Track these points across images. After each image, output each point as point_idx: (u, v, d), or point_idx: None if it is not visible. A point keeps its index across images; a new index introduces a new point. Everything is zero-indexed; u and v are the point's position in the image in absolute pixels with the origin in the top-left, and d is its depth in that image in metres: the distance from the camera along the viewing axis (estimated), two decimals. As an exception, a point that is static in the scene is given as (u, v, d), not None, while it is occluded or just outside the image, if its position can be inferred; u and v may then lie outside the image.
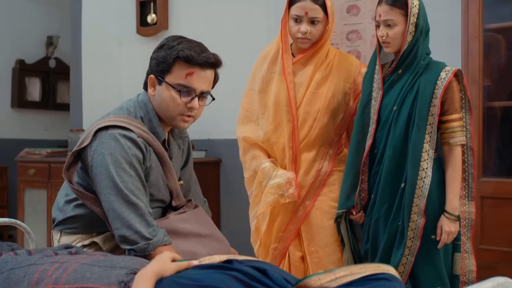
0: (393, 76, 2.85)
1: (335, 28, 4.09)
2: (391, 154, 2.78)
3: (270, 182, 2.99)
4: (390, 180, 2.80)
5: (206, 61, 2.34)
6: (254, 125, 3.13)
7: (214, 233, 2.49)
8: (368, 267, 1.59)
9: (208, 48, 2.42)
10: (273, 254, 3.11)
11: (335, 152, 3.07)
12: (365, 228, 2.93)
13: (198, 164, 4.59)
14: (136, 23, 5.27)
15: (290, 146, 3.01)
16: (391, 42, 2.79)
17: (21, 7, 7.74)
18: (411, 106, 2.76)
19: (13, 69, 7.72)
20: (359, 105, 2.95)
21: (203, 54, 2.34)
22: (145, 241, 2.18)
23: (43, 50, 8.05)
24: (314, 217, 3.03)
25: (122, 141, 2.25)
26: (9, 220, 2.86)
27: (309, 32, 2.93)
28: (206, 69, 2.37)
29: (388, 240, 2.81)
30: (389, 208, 2.81)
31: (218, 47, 4.78)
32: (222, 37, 4.77)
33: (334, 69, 3.04)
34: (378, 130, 2.85)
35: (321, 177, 3.03)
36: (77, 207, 2.40)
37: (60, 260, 1.88)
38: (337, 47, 4.09)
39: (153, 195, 2.39)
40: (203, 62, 2.34)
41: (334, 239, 3.00)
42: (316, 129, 3.00)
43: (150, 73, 2.42)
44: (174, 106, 2.36)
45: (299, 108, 3.01)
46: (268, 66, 3.09)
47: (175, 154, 2.55)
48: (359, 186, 2.89)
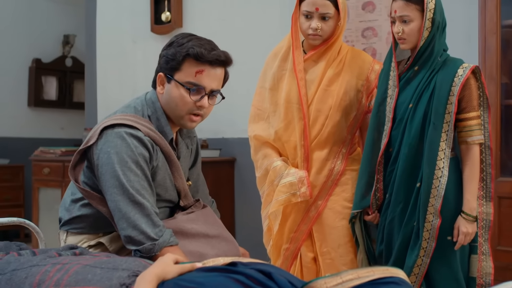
0: (409, 73, 2.79)
1: (350, 25, 4.05)
2: (406, 153, 2.73)
3: (282, 180, 2.94)
4: (405, 180, 2.74)
5: (217, 58, 2.29)
6: (265, 123, 3.08)
7: (223, 234, 2.43)
8: (376, 270, 1.53)
9: (222, 46, 2.37)
10: (285, 255, 3.06)
11: (348, 151, 3.02)
12: (379, 229, 2.87)
13: (212, 163, 4.61)
14: (150, 21, 5.25)
15: (301, 145, 2.96)
16: (407, 39, 2.73)
17: (38, 6, 7.75)
18: (427, 103, 2.70)
19: (30, 68, 7.74)
20: (374, 103, 2.89)
21: (213, 51, 2.29)
22: (151, 241, 2.13)
23: (59, 49, 8.06)
24: (327, 217, 2.97)
25: (128, 140, 2.21)
26: (18, 220, 2.82)
27: (320, 28, 2.88)
28: (216, 67, 2.32)
29: (403, 241, 2.75)
30: (404, 208, 2.75)
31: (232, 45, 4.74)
32: (236, 35, 4.72)
33: (346, 66, 2.99)
34: (394, 128, 2.79)
35: (334, 177, 2.98)
36: (83, 206, 2.36)
37: (62, 262, 1.84)
38: (352, 45, 4.04)
39: (160, 195, 2.35)
40: (213, 60, 2.28)
41: (347, 239, 2.94)
42: (328, 127, 2.94)
43: (159, 71, 2.37)
44: (183, 105, 2.31)
45: (311, 105, 2.96)
46: (279, 63, 3.04)
47: (183, 153, 2.51)
48: (374, 185, 2.84)
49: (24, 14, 7.62)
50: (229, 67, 2.39)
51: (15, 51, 7.57)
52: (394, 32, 2.77)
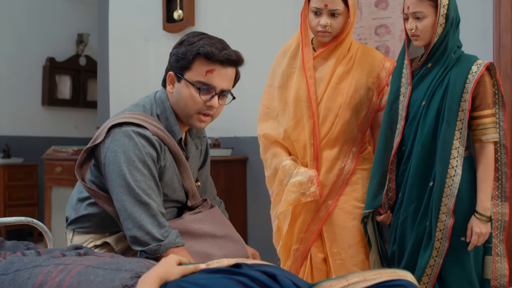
0: (423, 70, 2.74)
1: (363, 23, 4.00)
2: (419, 151, 2.68)
3: (291, 180, 2.91)
4: (418, 179, 2.69)
5: (228, 58, 2.26)
6: (274, 122, 3.05)
7: (230, 234, 2.40)
8: (383, 272, 1.49)
9: (234, 44, 2.34)
10: (295, 256, 3.02)
11: (359, 149, 2.97)
12: (392, 229, 2.83)
13: (224, 162, 4.58)
14: (163, 19, 5.22)
15: (311, 143, 2.91)
16: (421, 35, 2.68)
17: (53, 5, 7.76)
18: (440, 101, 2.65)
19: (44, 67, 7.74)
20: (387, 101, 2.85)
21: (224, 51, 2.26)
22: (156, 242, 2.10)
23: (73, 48, 8.06)
24: (337, 217, 2.93)
25: (136, 139, 2.18)
26: (26, 219, 2.80)
27: (329, 25, 2.83)
28: (227, 66, 2.28)
29: (416, 241, 2.70)
30: (417, 207, 2.70)
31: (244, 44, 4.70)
32: (249, 33, 4.69)
33: (356, 63, 2.94)
34: (406, 127, 2.75)
35: (344, 176, 2.94)
36: (89, 205, 2.34)
37: (65, 262, 1.82)
38: (365, 42, 3.99)
39: (167, 195, 2.32)
40: (224, 59, 2.25)
41: (357, 240, 2.90)
42: (338, 126, 2.90)
43: (169, 70, 2.34)
44: (193, 104, 2.28)
45: (320, 104, 2.92)
46: (288, 61, 3.00)
47: (192, 154, 2.47)
48: (386, 185, 2.79)
49: (38, 13, 7.63)
50: (241, 67, 2.36)
51: (29, 50, 7.58)
52: (407, 29, 2.72)
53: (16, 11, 7.45)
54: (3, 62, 7.36)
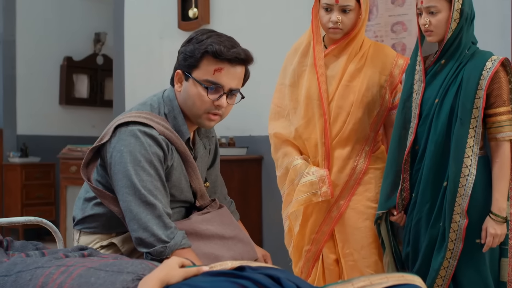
0: (436, 66, 2.68)
1: (379, 20, 3.94)
2: (432, 150, 2.62)
3: (302, 179, 2.86)
4: (431, 178, 2.63)
5: (236, 56, 2.21)
6: (285, 121, 3.00)
7: (239, 235, 2.35)
8: (390, 277, 1.44)
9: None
10: (306, 257, 2.97)
11: (371, 149, 2.92)
12: (406, 230, 2.77)
13: (239, 161, 4.54)
14: (178, 18, 5.19)
15: (322, 142, 2.86)
16: (434, 30, 2.63)
17: (70, 4, 7.77)
18: (454, 98, 2.59)
19: (61, 66, 7.76)
20: (400, 99, 2.79)
21: (233, 49, 2.21)
22: (162, 244, 2.07)
23: (91, 47, 8.06)
24: (349, 218, 2.88)
25: (142, 138, 2.14)
26: (35, 219, 2.78)
27: (341, 21, 2.78)
28: (236, 65, 2.23)
29: (430, 243, 2.64)
30: (430, 208, 2.65)
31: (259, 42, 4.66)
32: (264, 32, 4.64)
33: (368, 61, 2.89)
34: (419, 125, 2.69)
35: (356, 175, 2.88)
36: (96, 205, 2.30)
37: (67, 264, 1.80)
38: (382, 40, 3.93)
39: (175, 196, 2.28)
40: (232, 58, 2.20)
41: (370, 241, 2.84)
42: (350, 124, 2.85)
43: (177, 68, 2.30)
44: (201, 104, 2.23)
45: (332, 102, 2.87)
46: (299, 58, 2.96)
47: (200, 154, 2.43)
48: (400, 185, 2.73)
49: (55, 12, 7.64)
50: (250, 65, 2.31)
51: (47, 49, 7.60)
52: (420, 24, 2.66)
53: (34, 10, 7.47)
54: (21, 61, 7.39)
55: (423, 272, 2.64)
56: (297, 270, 3.03)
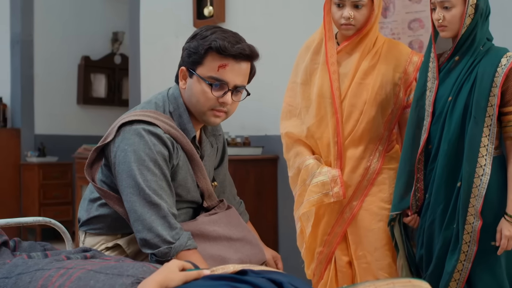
0: (450, 63, 2.61)
1: (396, 17, 3.89)
2: (446, 150, 2.54)
3: (314, 180, 2.79)
4: (445, 179, 2.56)
5: (241, 52, 2.16)
6: (297, 120, 2.93)
7: (247, 237, 2.30)
8: (396, 282, 1.38)
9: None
10: (319, 259, 2.91)
11: (385, 148, 2.84)
12: (419, 232, 2.69)
13: (254, 161, 4.49)
14: (193, 16, 5.17)
15: (334, 142, 2.80)
16: (448, 26, 2.55)
17: (88, 3, 7.77)
18: (467, 96, 2.51)
19: (79, 66, 7.76)
20: (413, 97, 2.71)
21: (237, 45, 2.16)
22: (166, 245, 2.02)
23: (108, 46, 8.06)
24: (362, 219, 2.81)
25: (146, 137, 2.10)
26: (43, 219, 2.74)
27: (353, 17, 2.72)
28: (241, 61, 2.18)
29: (444, 245, 2.57)
30: (444, 209, 2.57)
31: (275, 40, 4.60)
32: (280, 30, 4.59)
33: (382, 58, 2.82)
34: (433, 124, 2.62)
35: (370, 176, 2.81)
36: (101, 206, 2.26)
37: (67, 266, 1.76)
38: (399, 37, 3.86)
39: (181, 195, 2.23)
40: (237, 54, 2.15)
41: (383, 243, 2.77)
42: (362, 123, 2.78)
43: (182, 65, 2.25)
44: (205, 101, 2.18)
45: (344, 100, 2.80)
46: (311, 56, 2.89)
47: (207, 152, 2.38)
48: (414, 185, 2.66)
49: (73, 12, 7.65)
50: (255, 61, 2.25)
51: (65, 49, 7.61)
52: (434, 19, 2.59)
53: (52, 10, 7.48)
54: (39, 61, 7.40)
55: (437, 275, 2.57)
56: (309, 272, 2.97)
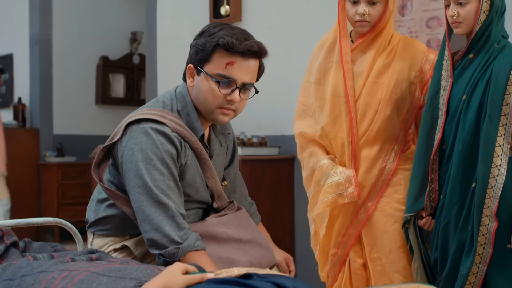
0: (464, 61, 2.54)
1: (414, 15, 3.81)
2: (460, 150, 2.48)
3: (328, 180, 2.74)
4: (460, 180, 2.49)
5: (249, 49, 2.12)
6: (311, 120, 2.88)
7: (257, 239, 2.25)
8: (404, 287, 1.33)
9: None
10: (332, 261, 2.85)
11: (401, 148, 2.78)
12: (434, 234, 2.62)
13: (270, 161, 4.46)
14: (209, 15, 5.15)
15: (349, 141, 2.74)
16: (463, 22, 2.49)
17: (106, 3, 7.78)
18: (482, 94, 2.44)
19: (97, 66, 7.76)
20: (427, 96, 2.65)
21: (245, 41, 2.12)
22: (174, 245, 1.98)
23: (127, 46, 8.05)
24: (377, 221, 2.74)
25: (154, 136, 2.06)
26: (54, 220, 2.72)
27: (368, 13, 2.66)
28: (249, 58, 2.14)
29: (459, 247, 2.50)
30: (459, 211, 2.50)
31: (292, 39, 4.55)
32: (297, 29, 4.54)
33: (397, 56, 2.75)
34: (447, 123, 2.55)
35: (385, 176, 2.74)
36: (109, 207, 2.23)
37: (70, 268, 1.74)
38: (416, 36, 3.79)
39: (190, 195, 2.19)
40: (245, 51, 2.11)
41: (399, 245, 2.71)
42: (377, 123, 2.72)
43: (189, 62, 2.21)
44: (213, 99, 2.15)
45: (359, 99, 2.74)
46: (325, 54, 2.83)
47: (216, 151, 2.34)
48: (428, 186, 2.59)
49: (92, 12, 7.66)
50: (264, 58, 2.21)
51: (83, 48, 7.63)
52: (448, 15, 2.53)
53: (71, 10, 7.49)
54: (58, 61, 7.42)
55: (452, 278, 2.50)
56: (323, 274, 2.92)
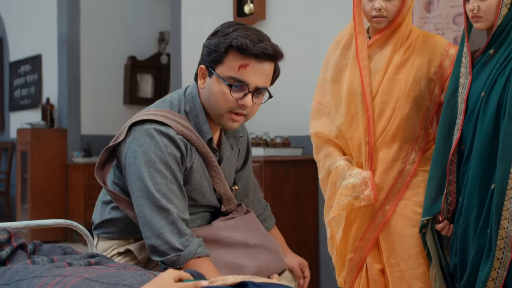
0: (484, 57, 2.42)
1: (440, 12, 3.70)
2: (479, 150, 2.35)
3: (344, 182, 2.63)
4: (479, 181, 2.36)
5: (263, 52, 2.00)
6: (327, 119, 2.77)
7: (265, 243, 2.15)
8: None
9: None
10: (349, 266, 2.74)
11: (422, 148, 2.65)
12: (453, 238, 2.49)
13: (294, 162, 4.37)
14: (233, 14, 5.09)
15: (366, 142, 2.63)
16: (484, 16, 2.37)
17: (134, 3, 7.76)
18: (502, 91, 2.32)
19: (125, 66, 7.75)
20: (445, 95, 2.53)
21: (260, 43, 2.00)
22: (175, 252, 1.90)
23: (155, 46, 8.02)
24: (395, 225, 2.63)
25: (157, 138, 1.98)
26: (64, 222, 2.66)
27: (385, 8, 2.55)
28: (263, 61, 2.03)
29: (478, 252, 2.37)
30: (478, 213, 2.37)
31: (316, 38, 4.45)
32: (322, 27, 4.45)
33: (416, 51, 2.64)
34: (465, 122, 2.43)
35: (404, 178, 2.63)
36: (113, 209, 2.16)
37: (64, 273, 1.68)
38: (443, 33, 3.67)
39: (196, 200, 2.11)
40: (259, 53, 2.00)
41: (418, 250, 2.58)
42: (395, 121, 2.60)
43: (201, 63, 2.12)
44: (224, 102, 2.04)
45: (376, 97, 2.63)
46: (341, 51, 2.73)
47: (227, 155, 2.23)
48: (445, 188, 2.47)
49: (120, 12, 7.66)
50: (280, 61, 2.10)
51: (111, 49, 7.63)
52: (468, 9, 2.41)
53: (98, 10, 7.50)
54: (86, 61, 7.44)
55: (472, 285, 2.37)
56: (340, 280, 2.81)
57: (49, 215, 6.05)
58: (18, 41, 8.36)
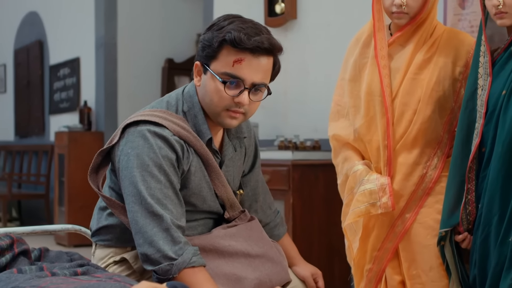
0: (505, 55, 2.25)
1: (475, 8, 3.52)
2: (500, 152, 2.17)
3: (361, 188, 2.48)
4: (500, 185, 2.18)
5: (258, 45, 1.88)
6: (345, 121, 2.63)
7: (268, 253, 2.02)
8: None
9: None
10: (368, 277, 2.58)
11: (445, 153, 2.48)
12: (472, 249, 2.31)
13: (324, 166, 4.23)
14: (264, 14, 4.99)
15: (384, 145, 2.47)
16: (509, 12, 2.19)
17: (172, 5, 7.72)
18: None
19: (163, 68, 7.70)
20: (463, 98, 2.36)
21: (255, 37, 1.88)
22: (168, 261, 1.80)
23: (193, 48, 7.96)
24: (416, 234, 2.46)
25: (151, 140, 1.88)
26: (73, 227, 2.61)
27: (405, 4, 2.39)
28: (259, 55, 1.91)
29: (499, 262, 2.18)
30: (499, 221, 2.18)
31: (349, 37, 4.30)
32: (354, 27, 4.24)
33: (440, 49, 2.47)
34: (486, 123, 2.25)
35: (425, 185, 2.46)
36: (109, 215, 2.05)
37: (41, 284, 1.62)
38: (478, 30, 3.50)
39: (196, 205, 1.99)
40: (254, 47, 1.88)
41: (440, 261, 2.41)
42: (416, 124, 2.44)
43: (196, 60, 2.01)
44: (219, 100, 1.93)
45: (396, 98, 2.47)
46: (360, 49, 2.58)
47: (229, 157, 2.11)
48: (464, 197, 2.29)
49: (157, 14, 7.63)
50: (279, 55, 1.97)
51: (148, 51, 7.59)
52: (490, 5, 2.23)
53: (135, 13, 7.48)
54: (123, 64, 7.41)
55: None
56: (359, 291, 2.67)
57: (86, 218, 5.99)
58: (57, 44, 8.40)
